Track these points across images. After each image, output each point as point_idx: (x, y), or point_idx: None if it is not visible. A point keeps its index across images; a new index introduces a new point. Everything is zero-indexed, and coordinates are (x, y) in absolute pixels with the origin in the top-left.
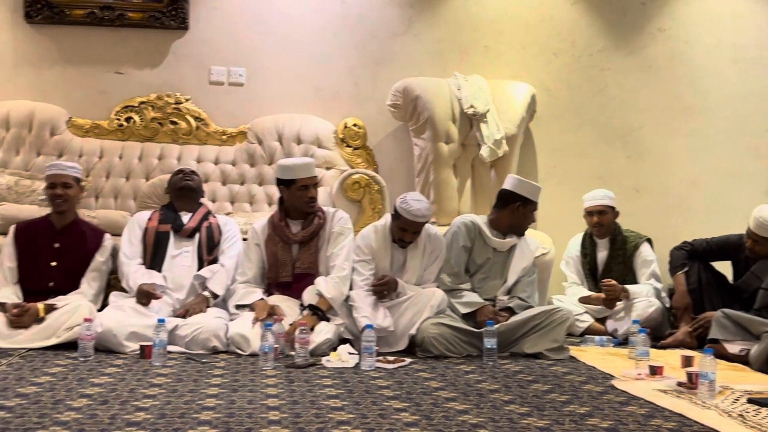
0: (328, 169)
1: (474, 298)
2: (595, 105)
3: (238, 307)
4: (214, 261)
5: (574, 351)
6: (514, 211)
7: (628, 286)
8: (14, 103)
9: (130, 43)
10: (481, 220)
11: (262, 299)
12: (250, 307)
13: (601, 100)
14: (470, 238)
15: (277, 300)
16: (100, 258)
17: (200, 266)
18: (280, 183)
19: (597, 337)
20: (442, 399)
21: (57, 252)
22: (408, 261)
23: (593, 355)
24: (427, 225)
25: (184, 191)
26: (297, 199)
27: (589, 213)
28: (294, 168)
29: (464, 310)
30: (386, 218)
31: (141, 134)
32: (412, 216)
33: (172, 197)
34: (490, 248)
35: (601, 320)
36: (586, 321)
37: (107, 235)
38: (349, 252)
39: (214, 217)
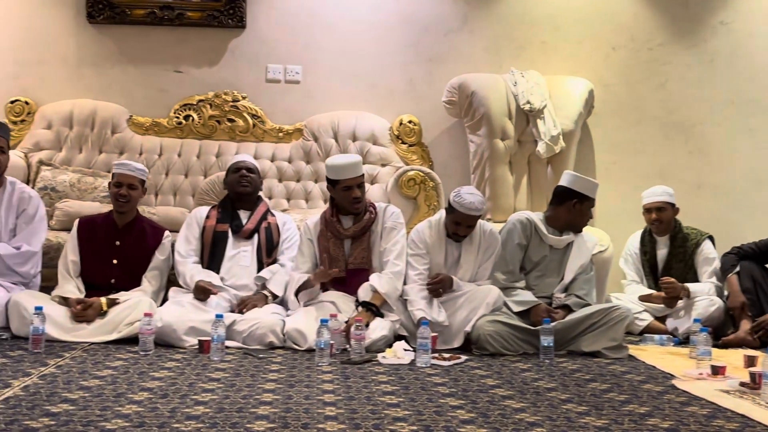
0: (383, 166)
1: (527, 296)
2: (655, 100)
3: (299, 290)
4: (274, 263)
5: (633, 350)
6: (571, 209)
7: (688, 285)
8: (77, 102)
9: (189, 42)
10: (538, 217)
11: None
12: (306, 285)
13: (662, 95)
14: (526, 235)
15: (333, 296)
16: (161, 256)
17: (260, 267)
18: (328, 181)
19: (657, 336)
20: (498, 397)
21: (118, 250)
22: (462, 257)
23: (653, 354)
24: (482, 221)
25: (241, 196)
26: (342, 199)
27: (648, 210)
28: (337, 168)
29: (517, 309)
30: (441, 213)
31: (199, 132)
32: (466, 209)
33: (230, 194)
34: (546, 245)
35: (661, 319)
36: (646, 319)
37: (167, 232)
38: (402, 247)
39: (273, 216)
